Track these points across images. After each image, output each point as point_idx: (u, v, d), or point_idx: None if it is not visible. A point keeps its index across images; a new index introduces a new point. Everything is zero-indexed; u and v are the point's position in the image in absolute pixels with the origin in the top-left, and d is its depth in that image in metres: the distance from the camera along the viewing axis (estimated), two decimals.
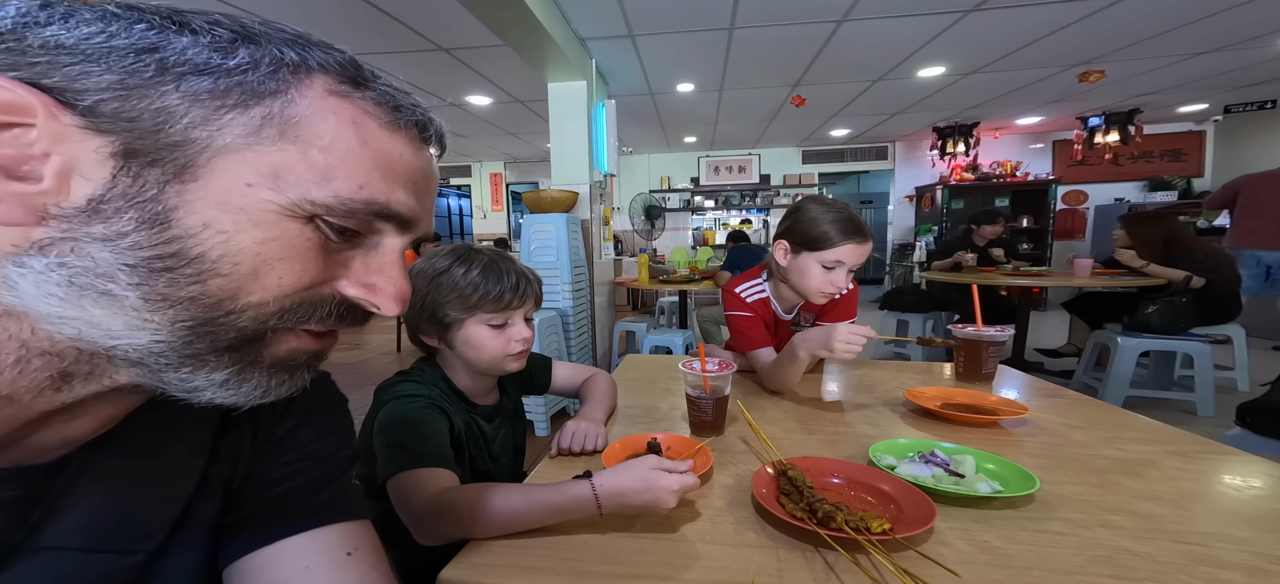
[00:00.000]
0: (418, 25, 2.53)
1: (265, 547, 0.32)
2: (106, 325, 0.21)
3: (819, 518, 0.45)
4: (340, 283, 0.26)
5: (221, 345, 0.23)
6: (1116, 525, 0.47)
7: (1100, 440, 0.66)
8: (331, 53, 0.24)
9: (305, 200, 0.23)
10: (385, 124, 0.25)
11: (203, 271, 0.21)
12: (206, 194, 0.21)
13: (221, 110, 0.21)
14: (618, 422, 0.80)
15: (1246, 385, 2.38)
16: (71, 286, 0.20)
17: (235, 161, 0.21)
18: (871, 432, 0.72)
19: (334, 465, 0.37)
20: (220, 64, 0.21)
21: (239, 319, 0.23)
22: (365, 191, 0.24)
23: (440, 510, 0.49)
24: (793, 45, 2.84)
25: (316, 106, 0.23)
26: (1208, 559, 0.41)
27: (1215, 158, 4.90)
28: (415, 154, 0.27)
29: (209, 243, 0.21)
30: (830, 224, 0.88)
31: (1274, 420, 1.14)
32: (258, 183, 0.22)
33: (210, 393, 0.24)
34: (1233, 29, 2.71)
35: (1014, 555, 0.43)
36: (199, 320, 0.22)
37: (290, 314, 0.24)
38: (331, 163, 0.23)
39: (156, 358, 0.22)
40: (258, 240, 0.22)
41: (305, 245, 0.24)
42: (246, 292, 0.23)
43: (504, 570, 0.44)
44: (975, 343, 0.94)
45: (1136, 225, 2.50)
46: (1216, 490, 0.53)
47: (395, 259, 0.28)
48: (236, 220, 0.21)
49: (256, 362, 0.25)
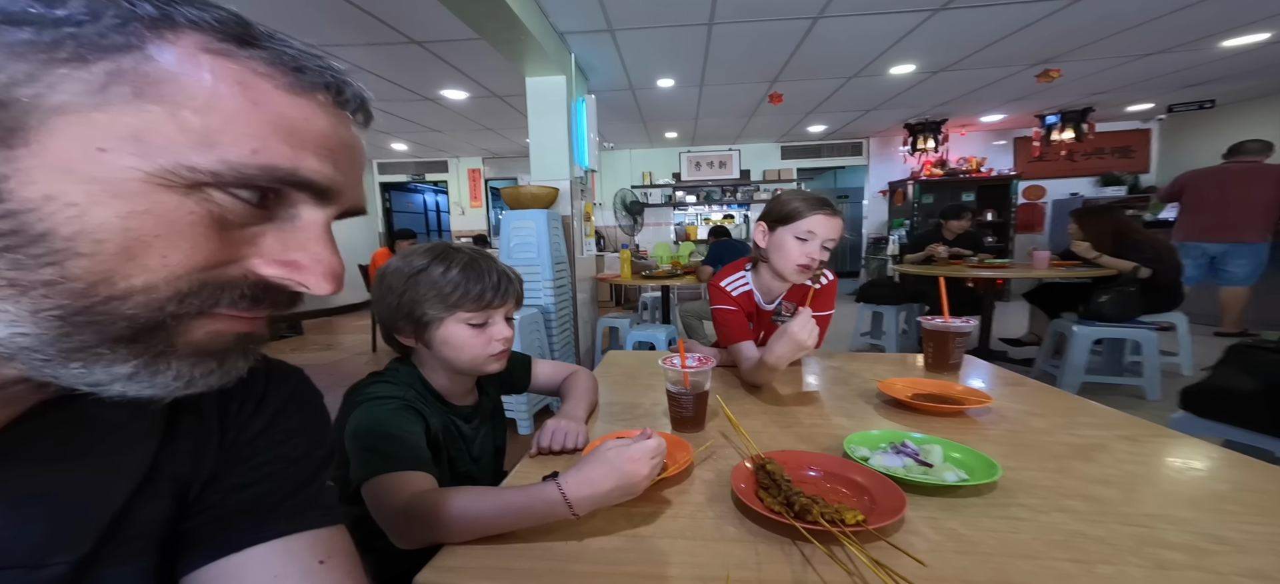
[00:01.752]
0: (389, 18, 2.44)
1: (231, 555, 0.30)
2: None
3: (796, 511, 0.46)
4: (252, 262, 0.24)
5: (113, 335, 0.21)
6: (1072, 510, 0.49)
7: (1057, 427, 0.70)
8: (208, 9, 0.21)
9: (182, 166, 0.20)
10: (283, 86, 0.23)
11: (55, 251, 0.19)
12: (43, 161, 0.19)
13: (51, 64, 0.19)
14: (599, 419, 0.79)
15: (1190, 369, 2.54)
16: None
17: (78, 123, 0.19)
18: (846, 423, 0.74)
19: (307, 467, 0.35)
20: (42, 14, 0.19)
21: (125, 306, 0.20)
22: (261, 156, 0.22)
23: (412, 514, 0.48)
24: (770, 41, 2.87)
25: (186, 65, 0.20)
26: (1154, 540, 0.44)
27: (1160, 154, 5.22)
28: (327, 118, 0.24)
29: (56, 218, 0.19)
30: (801, 200, 0.95)
31: (1213, 404, 1.22)
32: (113, 147, 0.19)
33: (119, 387, 0.22)
34: (1178, 31, 2.87)
35: (978, 542, 0.45)
36: (70, 309, 0.20)
37: (192, 298, 0.22)
38: (212, 125, 0.21)
39: (30, 353, 0.20)
40: (121, 214, 0.19)
41: (190, 219, 0.21)
42: (124, 274, 0.20)
43: (479, 572, 0.43)
44: (943, 334, 0.98)
45: (1087, 218, 2.64)
46: (1161, 473, 0.57)
47: (318, 234, 0.25)
48: (89, 191, 0.19)
49: (168, 351, 0.22)
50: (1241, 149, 3.07)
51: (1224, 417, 1.20)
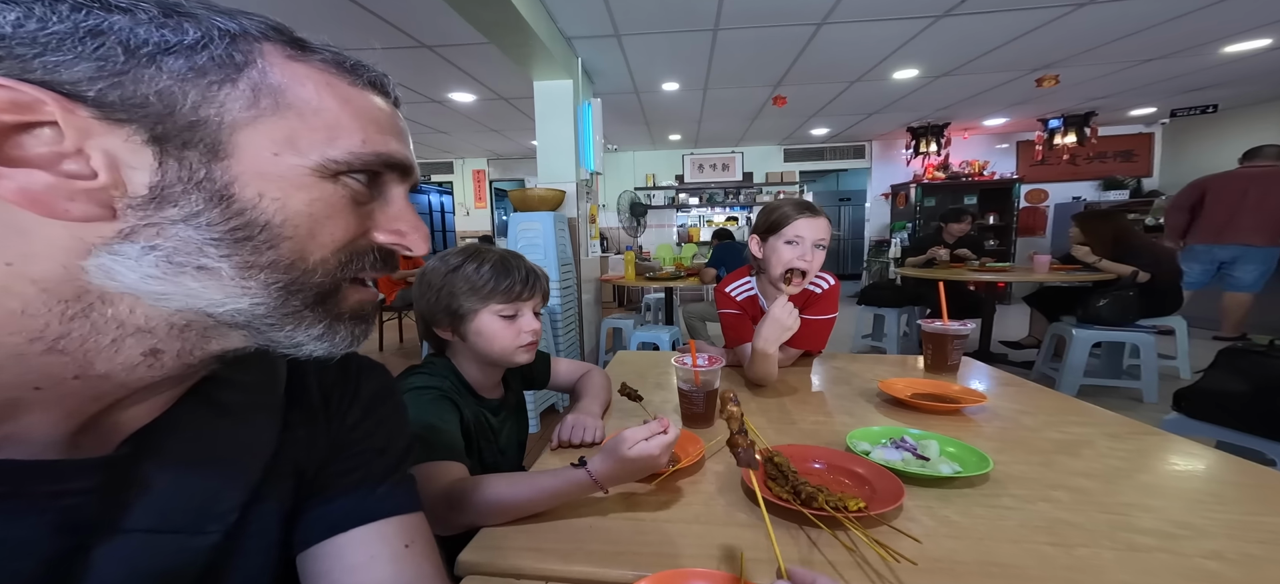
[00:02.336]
0: (400, 22, 2.49)
1: (335, 536, 0.35)
2: (208, 296, 0.24)
3: (802, 499, 0.51)
4: (373, 234, 0.30)
5: (310, 301, 0.27)
6: (1055, 499, 0.54)
7: (1046, 424, 0.74)
8: (253, 17, 0.26)
9: (327, 160, 0.26)
10: (351, 83, 0.28)
11: (273, 237, 0.25)
12: (245, 168, 0.24)
13: (212, 86, 0.23)
14: (611, 415, 0.84)
15: (1187, 373, 2.57)
16: (170, 265, 0.23)
17: (252, 135, 0.24)
18: (849, 420, 0.78)
19: (392, 457, 0.39)
20: (178, 42, 0.23)
21: (314, 275, 0.27)
22: (369, 145, 0.27)
23: (453, 500, 0.52)
24: (775, 47, 2.91)
25: (287, 74, 0.25)
26: (1127, 526, 0.48)
27: (1163, 159, 5.23)
28: (385, 106, 0.30)
29: (270, 211, 0.25)
30: (784, 207, 1.01)
31: (1205, 405, 1.26)
32: (281, 151, 0.25)
33: (310, 346, 0.28)
34: (1179, 38, 2.90)
35: (970, 528, 0.49)
36: (286, 281, 0.26)
37: (349, 265, 0.28)
38: (329, 124, 0.26)
39: (261, 320, 0.26)
40: (306, 203, 0.26)
41: (341, 202, 0.27)
42: (311, 251, 0.26)
43: (516, 553, 0.48)
44: (942, 336, 1.02)
45: (1088, 222, 2.67)
46: (1140, 466, 0.61)
47: (406, 204, 0.31)
48: (282, 188, 0.25)
49: (339, 314, 0.29)
50: (1259, 153, 3.05)
51: (1215, 418, 1.24)
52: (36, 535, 0.23)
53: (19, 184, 0.21)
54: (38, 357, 0.22)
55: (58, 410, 0.24)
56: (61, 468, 0.24)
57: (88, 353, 0.23)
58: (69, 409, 0.24)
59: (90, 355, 0.23)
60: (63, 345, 0.23)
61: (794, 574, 0.35)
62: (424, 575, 0.36)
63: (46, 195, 0.21)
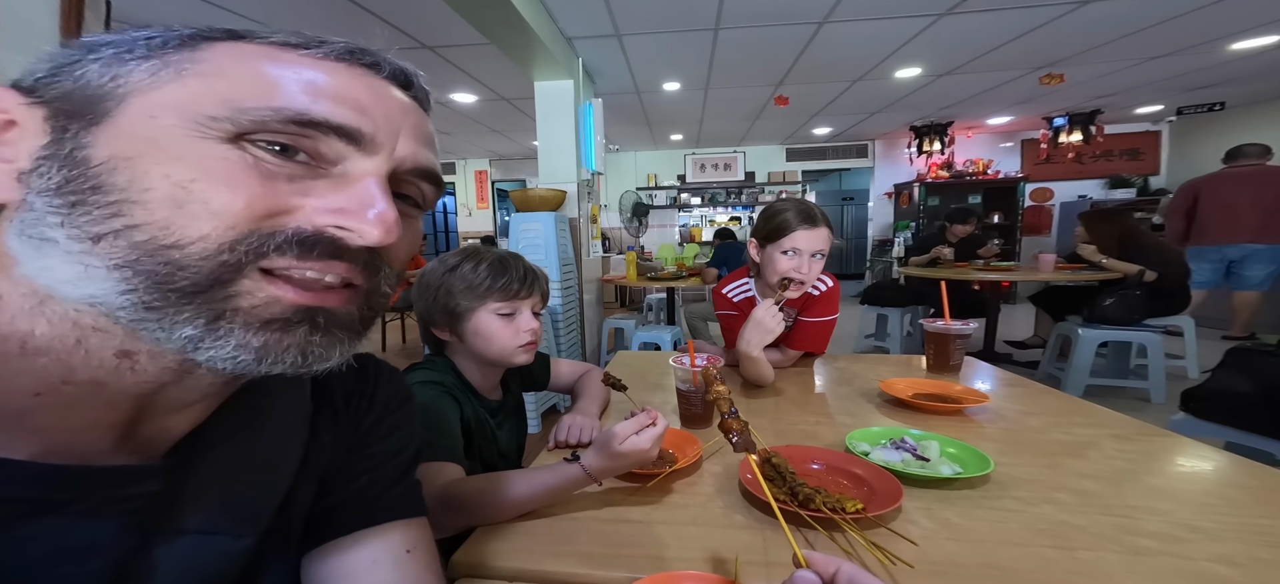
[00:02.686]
0: (402, 23, 2.50)
1: (340, 538, 0.34)
2: (60, 273, 0.21)
3: (800, 500, 0.50)
4: (303, 212, 0.24)
5: (175, 288, 0.22)
6: (1059, 501, 0.53)
7: (1051, 425, 0.73)
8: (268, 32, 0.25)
9: (205, 117, 0.22)
10: (305, 54, 0.25)
11: (116, 201, 0.21)
12: (111, 132, 0.22)
13: (126, 61, 0.23)
14: (609, 415, 0.83)
15: (1196, 373, 2.54)
16: (25, 238, 0.22)
17: (139, 101, 0.22)
18: (849, 421, 0.77)
19: (403, 462, 0.39)
20: (131, 36, 0.23)
21: (183, 256, 0.22)
22: (271, 101, 0.23)
23: (448, 501, 0.52)
24: (776, 46, 2.91)
25: (221, 50, 0.24)
26: (1133, 529, 0.47)
27: (1170, 157, 5.18)
28: (355, 77, 0.26)
29: (116, 173, 0.21)
30: (783, 216, 0.99)
31: (1212, 406, 1.24)
32: (158, 114, 0.22)
33: (191, 351, 0.23)
34: (1185, 35, 2.87)
35: (970, 530, 0.48)
36: (134, 258, 0.21)
37: (241, 246, 0.22)
38: (237, 87, 0.23)
39: (116, 309, 0.22)
40: (164, 162, 0.21)
41: (229, 166, 0.22)
42: (178, 224, 0.21)
43: (511, 554, 0.47)
44: (943, 336, 1.01)
45: (1094, 222, 2.65)
46: (1146, 468, 0.60)
47: (369, 185, 0.25)
48: (138, 147, 0.22)
49: (228, 314, 0.23)
50: (1240, 153, 3.06)
51: (1223, 419, 1.22)
52: (107, 536, 0.24)
53: None
54: (16, 359, 0.22)
55: (86, 419, 0.24)
56: (120, 473, 0.25)
57: (60, 354, 0.22)
58: (97, 419, 0.24)
59: (63, 357, 0.22)
60: (34, 345, 0.22)
61: (813, 560, 0.33)
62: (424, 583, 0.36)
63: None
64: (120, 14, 0.67)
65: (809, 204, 1.00)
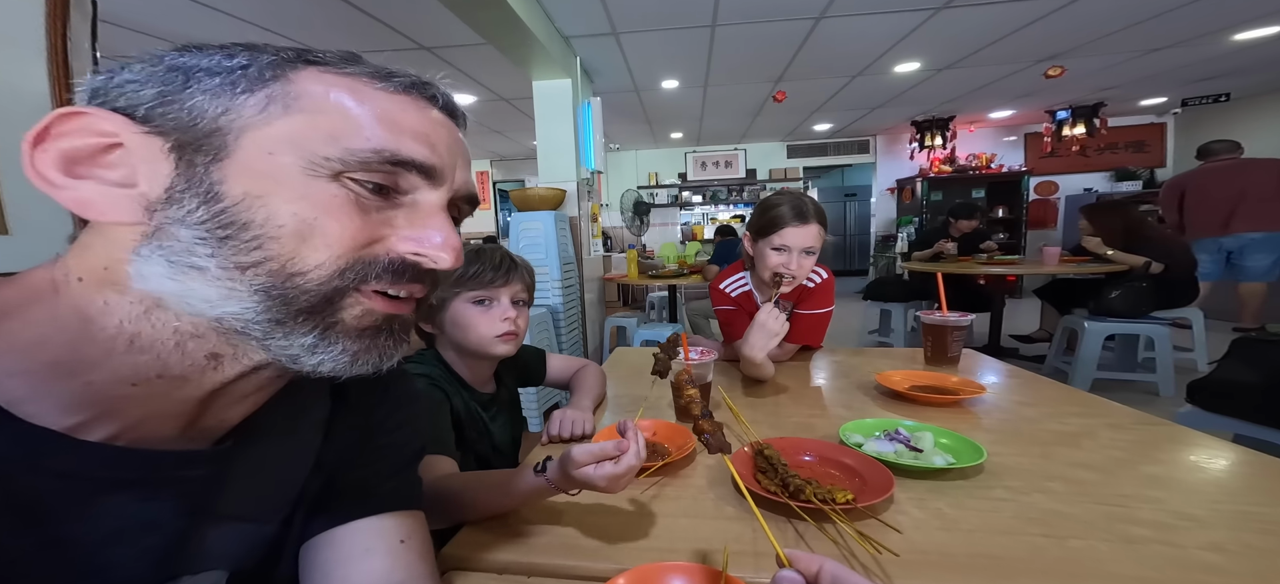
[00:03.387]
0: (399, 25, 2.51)
1: (338, 526, 0.35)
2: (205, 294, 0.25)
3: (790, 492, 0.50)
4: (390, 241, 0.28)
5: (299, 308, 0.26)
6: (1051, 491, 0.52)
7: (1046, 415, 0.72)
8: (326, 54, 0.27)
9: (320, 157, 0.25)
10: (381, 88, 0.27)
11: (257, 236, 0.25)
12: (238, 168, 0.25)
13: (233, 96, 0.25)
14: (607, 409, 0.84)
15: (1204, 365, 2.51)
16: (171, 264, 0.24)
17: (255, 136, 0.25)
18: (844, 413, 0.77)
19: (406, 455, 0.40)
20: (225, 64, 0.25)
21: (305, 281, 0.26)
22: (372, 142, 0.26)
23: (436, 496, 0.52)
24: (774, 42, 2.90)
25: (313, 84, 0.26)
26: (1124, 517, 0.47)
27: (1176, 148, 5.12)
28: (420, 111, 0.29)
29: (253, 210, 0.25)
30: (775, 211, 0.98)
31: (1219, 397, 1.23)
32: (276, 151, 0.25)
33: (306, 359, 0.27)
34: (1186, 26, 2.84)
35: (960, 520, 0.48)
36: (271, 284, 0.25)
37: (350, 273, 0.27)
38: (336, 124, 0.26)
39: (251, 324, 0.26)
40: (292, 201, 0.25)
41: (337, 203, 0.26)
42: (302, 255, 0.25)
43: (500, 547, 0.47)
44: (941, 328, 1.00)
45: (1098, 214, 2.62)
46: (1141, 457, 0.59)
47: (435, 212, 0.29)
48: (266, 185, 0.25)
49: (336, 325, 0.27)
50: (1210, 150, 3.07)
51: (1230, 410, 1.21)
52: (167, 514, 0.27)
53: (77, 195, 0.24)
54: (122, 354, 0.25)
55: (163, 408, 0.27)
56: (181, 457, 0.28)
57: (160, 353, 0.25)
58: (171, 409, 0.27)
59: (163, 355, 0.25)
60: (140, 343, 0.25)
61: (796, 559, 0.32)
62: (417, 574, 0.37)
63: (95, 201, 0.24)
64: (107, 14, 0.68)
65: (803, 199, 0.99)
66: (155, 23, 2.35)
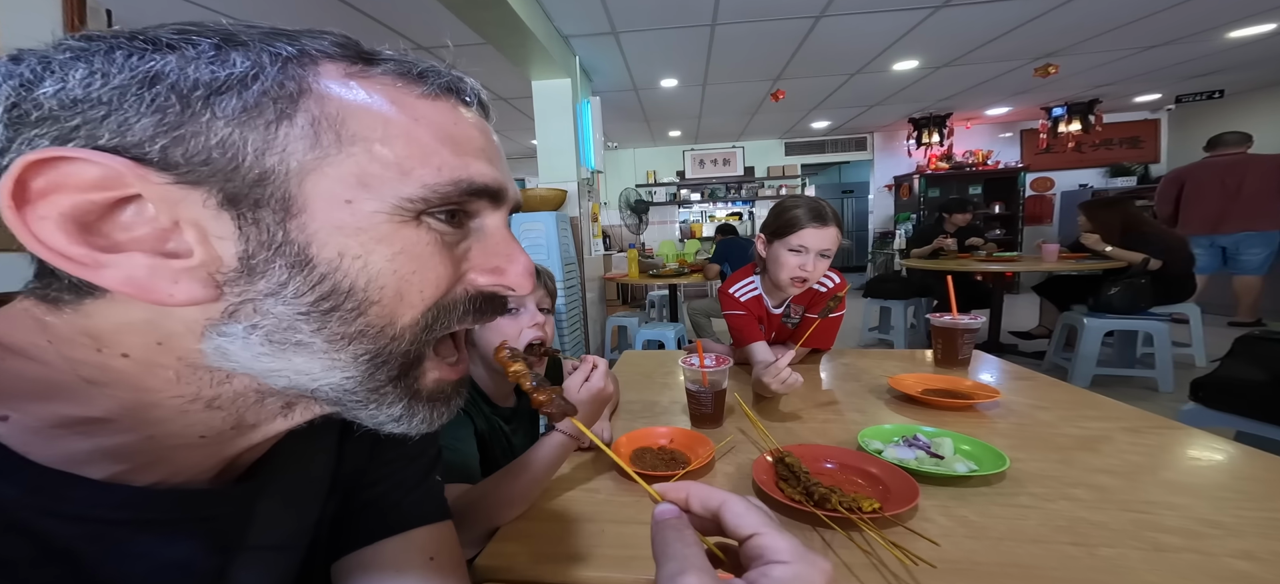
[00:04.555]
0: (397, 25, 2.49)
1: (363, 548, 0.35)
2: (309, 370, 0.22)
3: (815, 500, 0.50)
4: (469, 276, 0.26)
5: (394, 375, 0.24)
6: (1076, 498, 0.52)
7: (1062, 419, 0.72)
8: (323, 36, 0.23)
9: (402, 200, 0.22)
10: (422, 96, 0.23)
11: (362, 303, 0.22)
12: (320, 223, 0.21)
13: (269, 127, 0.20)
14: (620, 416, 0.83)
15: (1203, 361, 2.53)
16: (271, 343, 0.22)
17: (321, 181, 0.21)
18: (859, 418, 0.77)
19: (422, 466, 0.39)
20: (228, 76, 0.20)
21: (403, 343, 0.23)
22: (446, 173, 0.23)
23: (459, 514, 0.52)
24: (773, 40, 2.89)
25: (347, 96, 0.22)
26: (1153, 525, 0.47)
27: (1170, 144, 5.16)
28: (468, 120, 0.25)
29: (354, 273, 0.21)
30: (792, 213, 0.98)
31: (1223, 395, 1.24)
32: (354, 197, 0.21)
33: (391, 426, 0.25)
34: (1181, 24, 2.86)
35: (988, 528, 0.48)
36: (374, 351, 0.23)
37: (436, 323, 0.24)
38: (400, 153, 0.22)
39: (349, 394, 0.24)
40: (389, 257, 0.22)
41: (428, 248, 0.23)
42: (400, 313, 0.23)
43: (531, 558, 0.47)
44: (951, 331, 1.00)
45: (1096, 210, 2.64)
46: (1161, 462, 0.60)
47: (504, 235, 0.27)
48: (362, 242, 0.21)
49: (417, 394, 0.25)
50: (1221, 141, 3.09)
51: (1234, 408, 1.22)
52: (199, 554, 0.25)
53: (124, 272, 0.19)
54: (199, 413, 0.23)
55: (216, 453, 0.25)
56: (212, 496, 0.26)
57: (238, 409, 0.24)
58: (224, 453, 0.26)
59: (241, 411, 0.24)
60: (217, 403, 0.23)
61: (666, 491, 0.27)
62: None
63: (150, 280, 0.20)
64: (116, 17, 0.66)
65: (821, 203, 0.99)
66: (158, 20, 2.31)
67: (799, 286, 0.99)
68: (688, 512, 0.26)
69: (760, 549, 0.23)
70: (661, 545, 0.23)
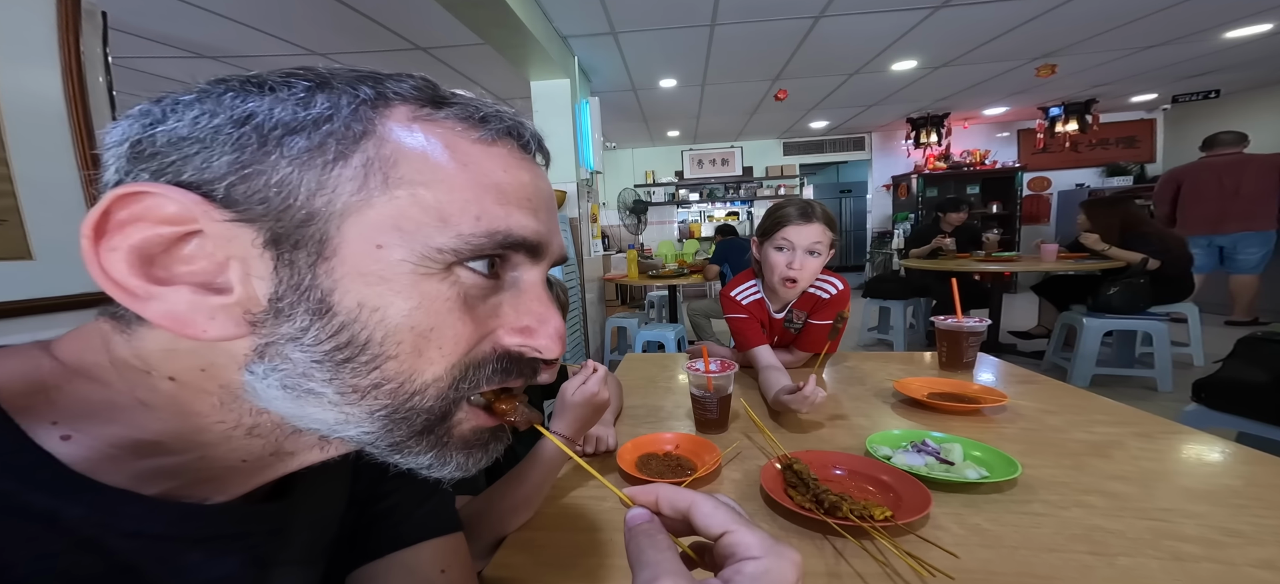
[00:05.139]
0: (395, 25, 2.47)
1: (372, 561, 0.34)
2: (321, 419, 0.22)
3: (826, 508, 0.49)
4: (497, 334, 0.25)
5: (417, 429, 0.23)
6: (1090, 505, 0.51)
7: (1072, 424, 0.72)
8: (405, 80, 0.23)
9: (433, 249, 0.21)
10: (477, 140, 0.23)
11: (377, 357, 0.21)
12: (347, 269, 0.20)
13: (326, 167, 0.20)
14: (624, 422, 0.82)
15: (1201, 360, 2.54)
16: (287, 390, 0.21)
17: (359, 224, 0.20)
18: (865, 423, 0.76)
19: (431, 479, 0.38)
20: (304, 116, 0.20)
21: (424, 400, 0.23)
22: (484, 223, 0.22)
23: (465, 526, 0.51)
24: (772, 41, 2.89)
25: (405, 135, 0.21)
26: (1171, 533, 0.46)
27: (1166, 144, 5.19)
28: (521, 168, 0.24)
29: (371, 325, 0.21)
30: (780, 212, 0.99)
31: (1226, 396, 1.24)
32: (386, 243, 0.20)
33: (424, 472, 0.25)
34: (1178, 24, 2.87)
35: (1002, 536, 0.47)
36: (391, 407, 0.22)
37: (464, 382, 0.24)
38: (442, 199, 0.21)
39: (370, 447, 0.23)
40: (406, 312, 0.21)
41: (452, 303, 0.22)
42: (419, 370, 0.22)
43: (538, 568, 0.46)
44: (956, 334, 1.00)
45: (1096, 210, 2.65)
46: (1175, 469, 0.59)
47: (540, 294, 0.26)
48: (381, 294, 0.21)
49: (449, 442, 0.25)
50: (1217, 141, 3.11)
51: (1236, 409, 1.21)
52: (241, 569, 0.25)
53: (167, 306, 0.19)
54: (241, 439, 0.23)
55: (255, 476, 0.25)
56: (249, 514, 0.26)
57: (277, 438, 0.24)
58: (263, 476, 0.26)
59: (279, 440, 0.24)
60: (257, 432, 0.23)
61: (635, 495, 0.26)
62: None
63: (189, 315, 0.20)
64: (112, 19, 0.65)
65: (809, 201, 1.00)
66: (153, 27, 2.28)
67: (790, 287, 0.98)
68: (659, 515, 0.25)
69: (732, 546, 0.23)
70: (635, 552, 0.23)
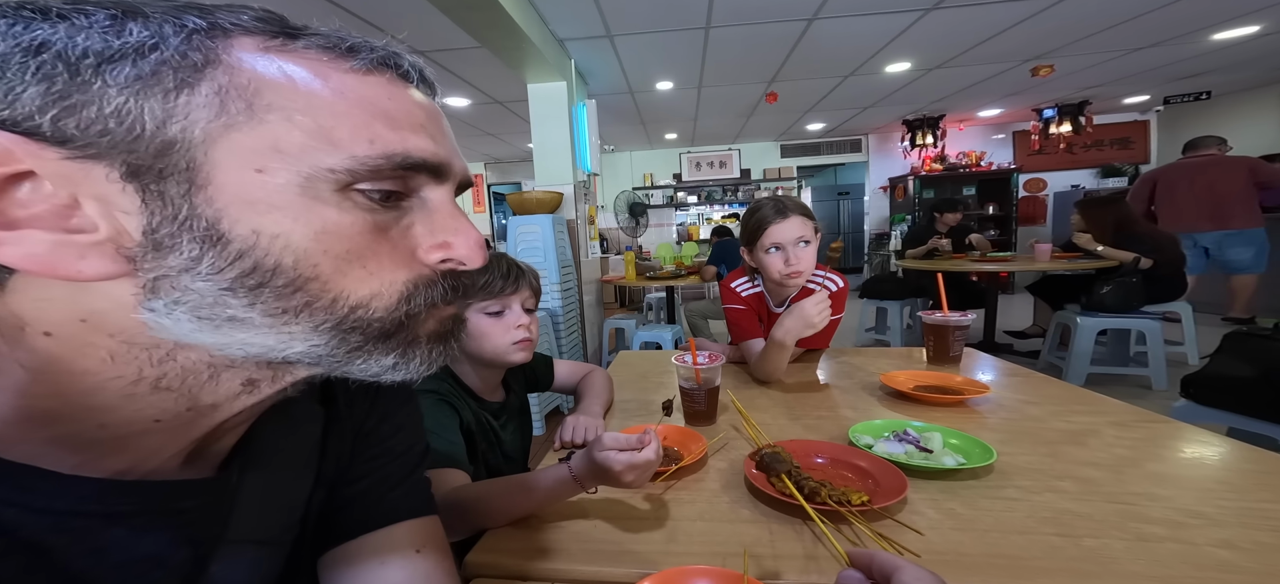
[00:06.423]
0: (391, 28, 2.49)
1: (347, 542, 0.35)
2: (259, 342, 0.22)
3: (805, 494, 0.50)
4: (420, 253, 0.25)
5: (375, 335, 0.24)
6: (1062, 490, 0.53)
7: (1051, 414, 0.73)
8: (243, 12, 0.21)
9: (324, 170, 0.21)
10: (351, 70, 0.22)
11: (294, 280, 0.21)
12: (229, 196, 0.20)
13: (169, 95, 0.19)
14: (614, 415, 0.83)
15: (1195, 358, 2.55)
16: (202, 320, 0.21)
17: (227, 149, 0.20)
18: (851, 415, 0.77)
19: (408, 461, 0.39)
20: (120, 44, 0.19)
21: (370, 313, 0.23)
22: (378, 145, 0.22)
23: (453, 508, 0.52)
24: (767, 43, 2.91)
25: (263, 66, 0.21)
26: (1137, 516, 0.48)
27: (1160, 145, 5.22)
28: (406, 94, 0.24)
29: (275, 251, 0.21)
30: (758, 215, 1.00)
31: (1213, 391, 1.25)
32: (267, 167, 0.20)
33: (387, 375, 0.25)
34: (1167, 26, 2.89)
35: (975, 520, 0.49)
36: (335, 320, 0.22)
37: (416, 298, 0.24)
38: (325, 124, 0.21)
39: (326, 358, 0.23)
40: (311, 235, 0.21)
41: (358, 227, 0.22)
42: (351, 290, 0.22)
43: (523, 554, 0.47)
44: (942, 327, 1.01)
45: (1090, 209, 2.67)
46: (1147, 455, 0.60)
47: (451, 209, 0.26)
48: (278, 221, 0.20)
49: (414, 341, 0.25)
50: (1196, 144, 3.14)
51: (1224, 404, 1.23)
52: (167, 548, 0.25)
53: (24, 249, 0.19)
54: (146, 396, 0.22)
55: (177, 439, 0.25)
56: (180, 488, 0.25)
57: (190, 388, 0.23)
58: (187, 438, 0.25)
59: (194, 390, 0.23)
60: (165, 384, 0.22)
61: (856, 557, 0.32)
62: (434, 582, 0.36)
63: (53, 256, 0.19)
64: None
65: (779, 197, 1.01)
66: None
67: (797, 279, 0.99)
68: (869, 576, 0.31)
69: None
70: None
